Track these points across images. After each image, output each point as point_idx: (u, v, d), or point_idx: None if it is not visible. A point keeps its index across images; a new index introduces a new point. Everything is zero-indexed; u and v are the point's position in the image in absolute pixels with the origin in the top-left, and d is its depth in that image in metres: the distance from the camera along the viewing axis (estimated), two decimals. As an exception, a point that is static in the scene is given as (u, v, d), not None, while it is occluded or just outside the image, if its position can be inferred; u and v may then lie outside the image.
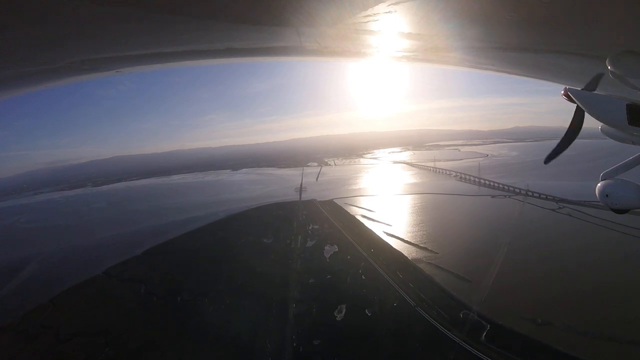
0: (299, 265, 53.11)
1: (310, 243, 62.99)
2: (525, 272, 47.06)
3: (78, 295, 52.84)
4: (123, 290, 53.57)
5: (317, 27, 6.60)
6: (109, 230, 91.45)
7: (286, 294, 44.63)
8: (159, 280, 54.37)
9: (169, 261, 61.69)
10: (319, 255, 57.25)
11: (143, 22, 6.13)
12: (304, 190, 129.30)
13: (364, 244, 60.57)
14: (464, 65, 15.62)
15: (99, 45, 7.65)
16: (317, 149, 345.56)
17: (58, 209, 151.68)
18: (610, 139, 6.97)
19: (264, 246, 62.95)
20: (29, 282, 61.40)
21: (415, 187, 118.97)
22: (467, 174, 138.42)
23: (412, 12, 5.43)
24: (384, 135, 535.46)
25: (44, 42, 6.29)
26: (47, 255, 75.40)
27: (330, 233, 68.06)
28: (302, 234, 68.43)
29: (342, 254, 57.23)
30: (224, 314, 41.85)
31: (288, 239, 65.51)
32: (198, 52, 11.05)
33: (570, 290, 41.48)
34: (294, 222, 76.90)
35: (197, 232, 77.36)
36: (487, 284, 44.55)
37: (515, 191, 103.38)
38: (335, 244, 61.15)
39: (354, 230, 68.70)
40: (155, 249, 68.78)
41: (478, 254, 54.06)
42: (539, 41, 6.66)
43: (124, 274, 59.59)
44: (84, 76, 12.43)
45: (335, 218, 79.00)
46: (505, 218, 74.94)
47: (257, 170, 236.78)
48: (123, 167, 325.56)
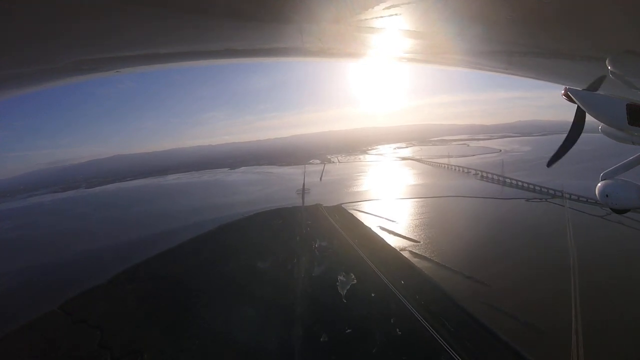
0: (304, 309, 38.31)
1: (318, 270, 48.28)
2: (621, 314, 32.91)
3: (21, 340, 39.40)
4: (75, 336, 39.68)
5: (319, 24, 6.26)
6: (81, 245, 76.76)
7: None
8: (118, 327, 39.93)
9: (134, 295, 47.28)
10: (331, 290, 42.49)
11: (143, 22, 6.11)
12: (307, 193, 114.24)
13: (390, 271, 45.89)
14: (465, 66, 15.01)
15: (99, 45, 7.54)
16: (319, 146, 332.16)
17: (41, 215, 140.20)
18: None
19: (258, 275, 48.26)
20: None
21: (435, 189, 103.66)
22: (488, 172, 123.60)
23: (413, 12, 5.21)
24: (386, 130, 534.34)
25: (44, 42, 6.22)
26: (11, 275, 62.01)
27: (342, 254, 53.39)
28: (307, 254, 53.79)
29: (363, 288, 42.52)
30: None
31: (289, 263, 50.86)
32: (199, 52, 10.84)
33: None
34: (297, 237, 62.25)
35: (175, 251, 62.67)
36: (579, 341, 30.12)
37: (549, 193, 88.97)
38: (351, 272, 46.45)
39: (373, 250, 53.92)
40: (122, 275, 54.34)
41: (548, 290, 39.64)
42: (539, 41, 6.50)
43: (82, 312, 45.67)
44: (84, 76, 12.21)
45: (346, 230, 64.33)
46: (557, 230, 60.38)
47: (257, 168, 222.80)
48: (121, 167, 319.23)
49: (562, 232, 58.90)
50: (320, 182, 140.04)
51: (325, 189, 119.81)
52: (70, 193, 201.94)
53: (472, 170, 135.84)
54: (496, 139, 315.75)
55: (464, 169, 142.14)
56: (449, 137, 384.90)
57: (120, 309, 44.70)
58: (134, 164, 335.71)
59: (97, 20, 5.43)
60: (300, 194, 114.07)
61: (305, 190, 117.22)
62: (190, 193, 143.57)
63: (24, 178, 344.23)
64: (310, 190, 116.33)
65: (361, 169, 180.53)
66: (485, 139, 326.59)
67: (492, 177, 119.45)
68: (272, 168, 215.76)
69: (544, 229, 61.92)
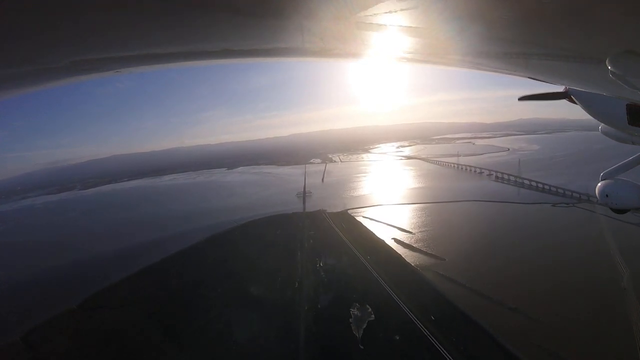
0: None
1: (325, 299, 39.06)
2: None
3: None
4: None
5: (320, 21, 5.11)
6: (52, 260, 66.94)
7: None
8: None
9: (101, 329, 38.26)
10: (343, 329, 33.24)
11: (143, 22, 5.07)
12: (308, 196, 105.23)
13: (415, 301, 36.78)
14: (465, 66, 10.43)
15: (98, 45, 6.14)
16: (320, 144, 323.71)
17: (28, 219, 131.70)
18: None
19: (250, 306, 39.04)
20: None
21: (450, 192, 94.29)
22: (503, 173, 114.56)
23: (413, 12, 4.54)
24: (386, 129, 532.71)
25: (42, 42, 5.13)
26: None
27: (354, 275, 44.32)
28: (311, 276, 44.72)
29: (384, 326, 33.34)
30: None
31: (289, 289, 41.75)
32: (199, 52, 8.14)
33: None
34: (297, 252, 53.16)
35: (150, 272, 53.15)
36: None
37: (574, 196, 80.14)
38: (367, 302, 37.31)
39: (390, 271, 44.70)
40: (92, 301, 45.28)
41: (609, 327, 30.77)
42: (538, 41, 5.27)
43: (43, 344, 37.20)
44: (83, 76, 9.03)
45: (356, 244, 55.18)
46: (597, 243, 51.82)
47: (255, 168, 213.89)
48: (119, 167, 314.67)
49: (602, 245, 50.64)
50: (322, 183, 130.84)
51: (328, 191, 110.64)
52: (64, 195, 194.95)
53: (485, 170, 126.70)
54: (500, 137, 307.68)
55: (476, 169, 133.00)
56: (451, 135, 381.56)
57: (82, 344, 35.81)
58: (132, 164, 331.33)
59: (97, 20, 4.49)
60: (301, 197, 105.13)
61: (307, 193, 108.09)
62: (183, 196, 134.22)
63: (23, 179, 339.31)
64: (311, 193, 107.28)
65: (365, 169, 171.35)
66: (489, 137, 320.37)
67: (508, 179, 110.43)
68: (271, 168, 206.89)
69: (583, 242, 53.02)
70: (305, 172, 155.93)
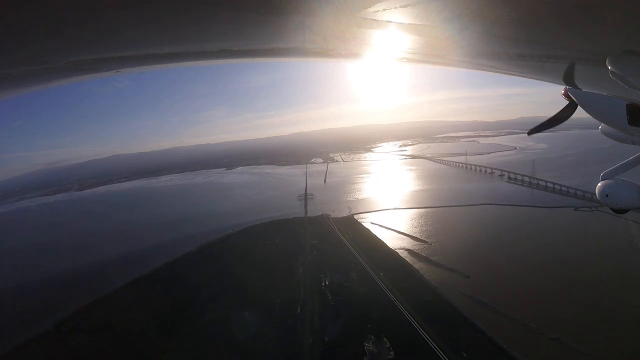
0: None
1: (334, 329, 32.59)
2: None
3: None
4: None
5: (321, 20, 5.98)
6: (32, 275, 60.41)
7: None
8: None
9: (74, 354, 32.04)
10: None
11: (142, 22, 6.10)
12: (310, 198, 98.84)
13: (440, 331, 30.40)
14: (465, 66, 14.51)
15: (98, 45, 7.48)
16: (321, 143, 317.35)
17: (19, 223, 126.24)
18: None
19: (240, 346, 32.58)
20: None
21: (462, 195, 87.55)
22: (515, 173, 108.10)
23: (413, 11, 5.22)
24: (388, 127, 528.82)
25: (42, 42, 6.18)
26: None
27: (365, 296, 37.88)
28: (316, 299, 38.29)
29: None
30: None
31: (289, 315, 35.28)
32: (200, 53, 10.53)
33: None
34: (300, 267, 46.82)
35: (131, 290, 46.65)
36: None
37: (593, 199, 73.44)
38: (382, 333, 30.90)
39: (407, 291, 38.24)
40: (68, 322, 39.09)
41: None
42: (539, 41, 6.33)
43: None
44: (83, 76, 12.04)
45: (365, 256, 48.73)
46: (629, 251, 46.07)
47: (255, 168, 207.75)
48: (118, 167, 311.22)
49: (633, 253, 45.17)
50: (324, 184, 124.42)
51: (331, 193, 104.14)
52: (58, 197, 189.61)
53: (496, 170, 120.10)
54: (504, 136, 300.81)
55: (486, 169, 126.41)
56: (453, 134, 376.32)
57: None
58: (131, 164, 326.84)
59: (96, 20, 5.36)
60: (303, 199, 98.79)
61: (308, 196, 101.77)
62: (178, 198, 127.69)
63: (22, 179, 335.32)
64: (313, 196, 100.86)
65: (369, 168, 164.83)
66: (493, 136, 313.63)
67: (522, 180, 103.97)
68: (271, 168, 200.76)
69: (616, 250, 47.15)
70: (307, 172, 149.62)
